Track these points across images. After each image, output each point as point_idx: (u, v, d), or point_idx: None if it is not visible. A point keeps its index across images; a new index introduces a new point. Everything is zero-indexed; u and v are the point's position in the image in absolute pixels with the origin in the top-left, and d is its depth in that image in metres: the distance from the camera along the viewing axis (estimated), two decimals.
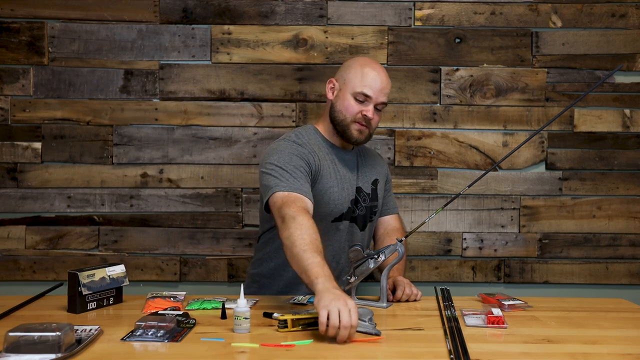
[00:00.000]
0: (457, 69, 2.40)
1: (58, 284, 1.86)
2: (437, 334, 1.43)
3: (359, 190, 1.89)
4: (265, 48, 2.38)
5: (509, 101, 2.40)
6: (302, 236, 1.52)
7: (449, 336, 1.38)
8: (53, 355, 1.19)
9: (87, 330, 1.36)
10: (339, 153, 1.88)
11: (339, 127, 1.83)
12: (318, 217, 1.70)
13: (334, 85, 1.86)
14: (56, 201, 2.37)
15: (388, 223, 2.04)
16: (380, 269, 1.73)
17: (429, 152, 2.40)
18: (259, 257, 1.97)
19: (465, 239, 2.41)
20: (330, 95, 1.87)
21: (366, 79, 1.79)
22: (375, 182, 1.95)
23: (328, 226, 1.82)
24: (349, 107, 1.80)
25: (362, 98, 1.79)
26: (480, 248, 2.41)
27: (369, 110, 1.79)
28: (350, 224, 1.88)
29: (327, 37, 2.38)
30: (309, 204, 1.67)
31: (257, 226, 2.34)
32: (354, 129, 1.81)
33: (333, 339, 1.34)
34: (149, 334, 1.36)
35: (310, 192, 1.72)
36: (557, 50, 2.39)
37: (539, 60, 2.40)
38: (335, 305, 1.32)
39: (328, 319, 1.31)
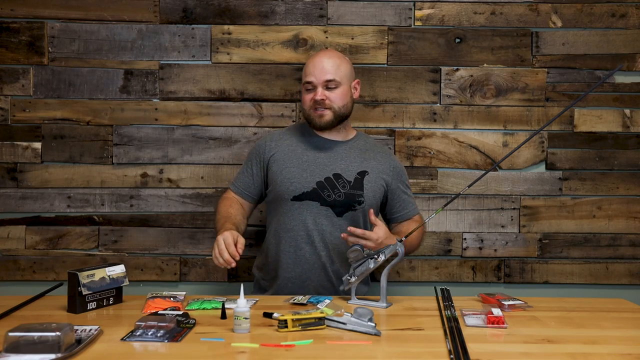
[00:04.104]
0: (457, 69, 2.40)
1: (58, 284, 1.86)
2: (437, 334, 1.43)
3: (337, 176, 1.95)
4: (265, 48, 2.38)
5: (509, 101, 2.40)
6: (220, 210, 2.00)
7: (449, 336, 1.38)
8: (53, 355, 1.19)
9: (87, 330, 1.36)
10: (317, 141, 2.02)
11: (307, 120, 2.03)
12: (279, 196, 1.97)
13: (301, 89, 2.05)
14: (56, 201, 2.37)
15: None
16: (380, 268, 1.74)
17: (429, 152, 2.40)
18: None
19: (465, 239, 2.41)
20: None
21: (307, 69, 1.99)
22: (362, 173, 1.98)
23: (289, 205, 1.95)
24: (304, 100, 2.00)
25: (309, 86, 1.97)
26: (480, 248, 2.41)
27: (316, 94, 1.95)
28: (321, 206, 1.93)
29: (327, 37, 2.38)
30: (240, 199, 2.06)
31: (257, 226, 2.35)
32: (315, 116, 1.98)
33: (333, 339, 1.34)
34: (149, 334, 1.36)
35: (249, 187, 2.05)
36: (557, 50, 2.39)
37: (539, 60, 2.40)
38: (215, 241, 1.75)
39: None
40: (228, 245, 1.73)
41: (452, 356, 1.25)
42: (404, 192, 2.07)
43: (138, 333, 1.37)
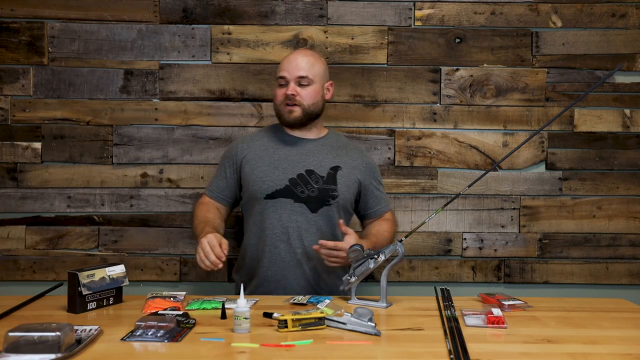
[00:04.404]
0: (457, 69, 2.40)
1: (58, 284, 1.86)
2: (437, 334, 1.43)
3: (309, 172, 1.96)
4: (265, 48, 2.38)
5: (509, 101, 2.40)
6: (197, 215, 2.01)
7: (448, 336, 1.38)
8: (53, 355, 1.19)
9: (87, 330, 1.36)
10: (288, 139, 2.03)
11: (278, 115, 2.04)
12: (252, 195, 1.98)
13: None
14: (56, 201, 2.37)
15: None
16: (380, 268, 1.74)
17: (429, 152, 2.40)
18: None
19: (465, 239, 2.41)
20: None
21: (282, 65, 2.01)
22: (335, 169, 1.99)
23: (263, 203, 1.96)
24: (276, 95, 2.02)
25: (282, 82, 1.99)
26: (480, 248, 2.41)
27: (288, 88, 1.97)
28: (295, 203, 1.94)
29: (327, 37, 2.38)
30: (216, 204, 2.08)
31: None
32: (285, 111, 1.99)
33: (333, 339, 1.34)
34: (149, 334, 1.36)
35: (224, 190, 2.06)
36: (557, 50, 2.39)
37: (539, 60, 2.40)
38: (199, 245, 1.76)
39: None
40: (213, 247, 1.74)
41: (452, 356, 1.25)
42: (376, 189, 2.08)
43: (138, 333, 1.37)
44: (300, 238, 1.94)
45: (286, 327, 1.41)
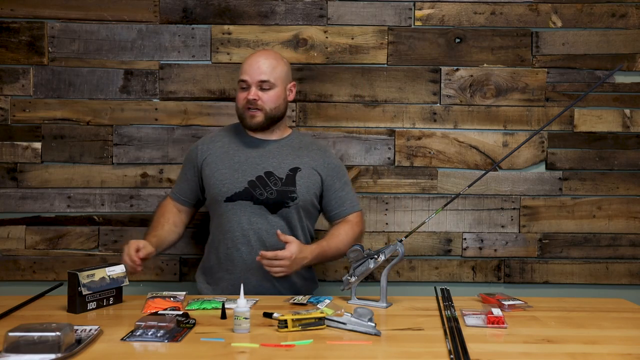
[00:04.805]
0: (457, 69, 2.40)
1: (58, 284, 1.86)
2: (437, 334, 1.43)
3: (268, 174, 1.96)
4: (265, 48, 2.37)
5: (509, 101, 2.40)
6: (153, 219, 2.08)
7: (449, 336, 1.38)
8: (53, 355, 1.19)
9: (87, 330, 1.36)
10: (249, 141, 2.02)
11: (240, 119, 2.02)
12: (213, 198, 1.99)
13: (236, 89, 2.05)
14: (56, 201, 2.37)
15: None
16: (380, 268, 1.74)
17: (429, 152, 2.40)
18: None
19: (465, 239, 2.41)
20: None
21: (243, 67, 1.98)
22: (294, 170, 1.98)
23: (223, 206, 1.96)
24: (238, 99, 1.99)
25: (244, 85, 1.97)
26: (480, 248, 2.41)
27: (250, 93, 1.94)
28: (254, 205, 1.94)
29: (327, 37, 2.38)
30: (178, 205, 2.11)
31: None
32: (247, 116, 1.97)
33: (333, 339, 1.34)
34: (149, 334, 1.36)
35: (185, 192, 2.08)
36: (557, 50, 2.39)
37: (539, 60, 2.40)
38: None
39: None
40: (129, 250, 1.79)
41: (452, 356, 1.25)
42: (340, 189, 2.04)
43: (138, 333, 1.37)
44: (261, 240, 1.94)
45: (286, 327, 1.41)
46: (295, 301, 1.72)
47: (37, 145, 2.36)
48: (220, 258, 1.98)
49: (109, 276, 1.68)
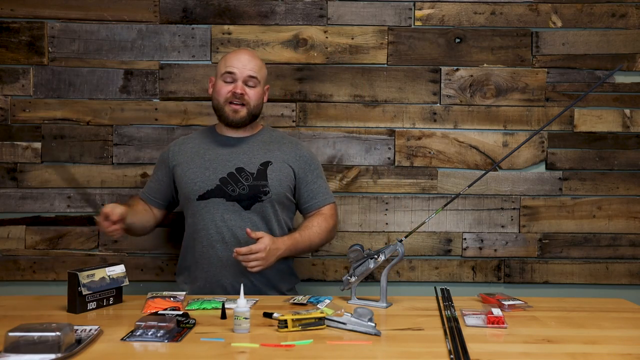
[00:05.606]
0: (457, 69, 2.40)
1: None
2: (437, 334, 1.43)
3: (239, 170, 1.96)
4: (265, 48, 2.38)
5: (509, 101, 2.40)
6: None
7: (449, 336, 1.38)
8: (53, 355, 1.19)
9: (87, 330, 1.36)
10: (220, 140, 2.03)
11: (218, 113, 2.01)
12: (186, 198, 1.99)
13: (211, 81, 2.05)
14: (56, 201, 2.37)
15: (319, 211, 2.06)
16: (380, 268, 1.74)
17: (429, 152, 2.40)
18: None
19: (465, 239, 2.41)
20: (210, 91, 2.05)
21: (228, 60, 1.98)
22: (265, 164, 1.98)
23: (196, 205, 1.97)
24: (220, 90, 1.97)
25: (229, 78, 1.96)
26: (480, 248, 2.41)
27: (237, 86, 1.94)
28: (227, 202, 1.94)
29: (327, 37, 2.38)
30: (146, 205, 2.11)
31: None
32: (229, 110, 1.96)
33: (333, 339, 1.34)
34: (149, 334, 1.36)
35: (155, 192, 2.09)
36: (557, 50, 2.39)
37: (539, 60, 2.40)
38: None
39: None
40: (100, 219, 1.81)
41: (452, 356, 1.25)
42: (312, 182, 2.04)
43: (138, 333, 1.37)
44: (235, 236, 1.94)
45: (286, 327, 1.41)
46: (295, 301, 1.72)
47: (37, 145, 2.36)
48: (196, 257, 1.98)
49: (109, 276, 1.68)
